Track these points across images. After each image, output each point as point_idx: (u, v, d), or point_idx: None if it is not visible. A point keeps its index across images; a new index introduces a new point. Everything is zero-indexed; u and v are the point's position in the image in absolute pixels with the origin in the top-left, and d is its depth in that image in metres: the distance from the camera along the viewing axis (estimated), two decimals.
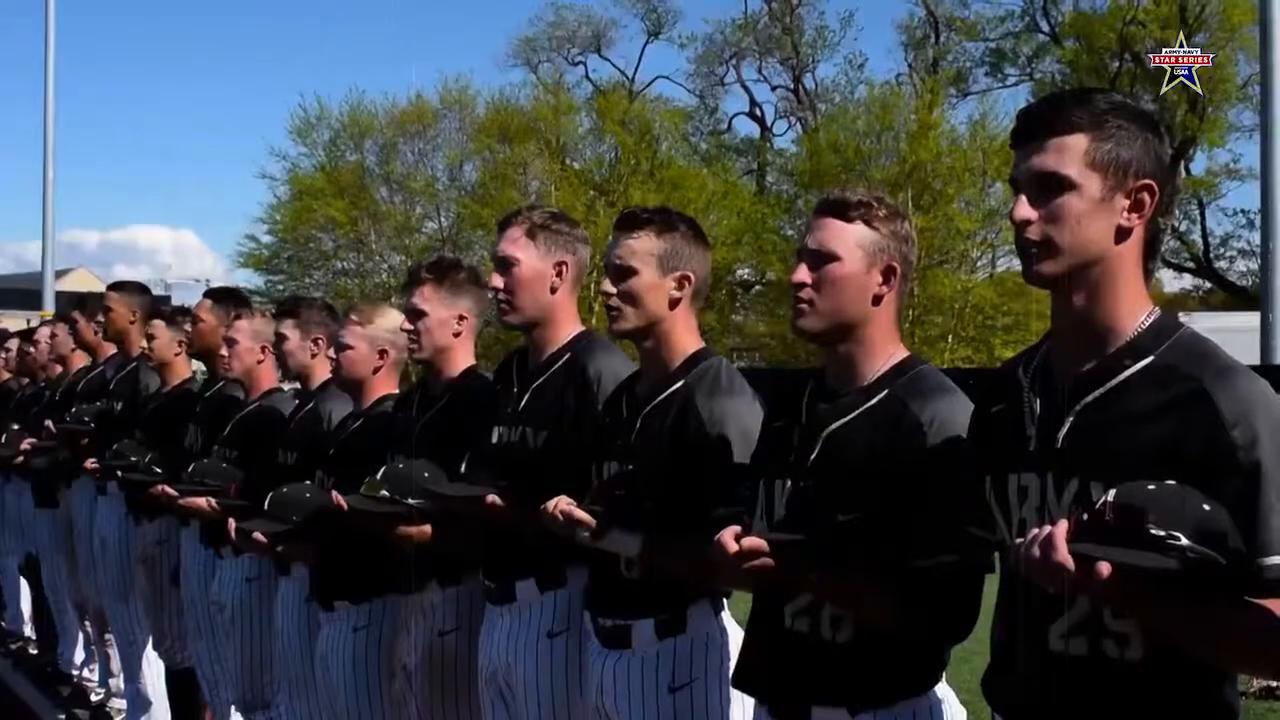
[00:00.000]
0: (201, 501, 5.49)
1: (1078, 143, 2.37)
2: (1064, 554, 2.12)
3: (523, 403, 4.02)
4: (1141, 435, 2.30)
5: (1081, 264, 2.39)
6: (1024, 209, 2.41)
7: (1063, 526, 2.16)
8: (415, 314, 4.47)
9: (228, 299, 6.47)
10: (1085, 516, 2.16)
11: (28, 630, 10.20)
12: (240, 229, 73.33)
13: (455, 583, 4.40)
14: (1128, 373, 2.36)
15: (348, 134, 47.73)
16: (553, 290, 4.04)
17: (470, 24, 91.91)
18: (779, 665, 3.02)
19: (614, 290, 3.59)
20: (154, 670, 7.39)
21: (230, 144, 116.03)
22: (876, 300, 3.03)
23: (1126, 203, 2.38)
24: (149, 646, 7.36)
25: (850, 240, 3.03)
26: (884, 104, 40.94)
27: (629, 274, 3.58)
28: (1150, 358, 2.35)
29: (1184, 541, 2.10)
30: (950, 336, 38.47)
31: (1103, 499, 2.16)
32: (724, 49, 50.80)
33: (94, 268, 68.52)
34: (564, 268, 4.05)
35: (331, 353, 5.21)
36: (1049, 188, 2.39)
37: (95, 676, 8.78)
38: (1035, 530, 2.19)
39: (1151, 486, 2.16)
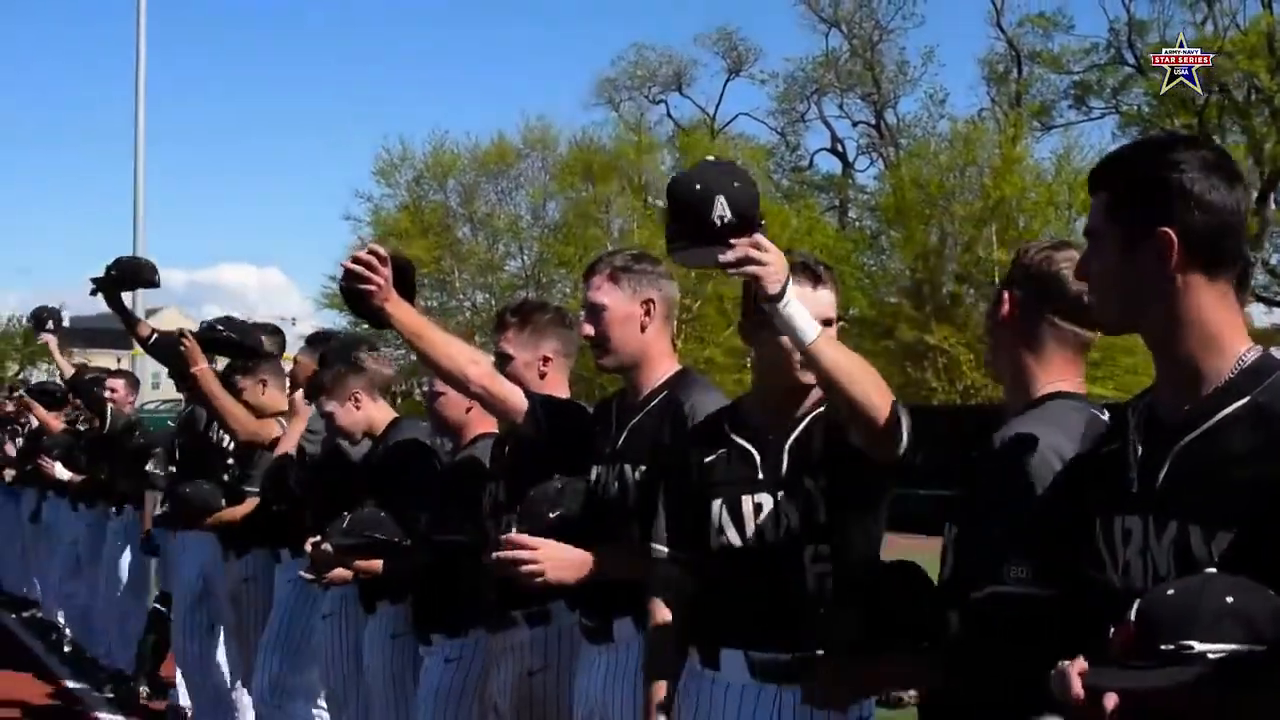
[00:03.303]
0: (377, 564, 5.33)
1: (1101, 199, 2.44)
2: (1077, 689, 2.05)
3: (620, 441, 4.01)
4: (1236, 477, 2.24)
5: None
6: (1081, 261, 2.51)
7: (1079, 663, 2.08)
8: (502, 359, 4.50)
9: (320, 343, 6.59)
10: (1111, 633, 2.09)
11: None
12: (325, 266, 74.42)
13: (544, 621, 4.40)
14: (1223, 414, 2.31)
15: (431, 174, 48.25)
16: (643, 329, 4.04)
17: (552, 65, 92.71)
18: None
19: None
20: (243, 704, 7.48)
21: (315, 182, 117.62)
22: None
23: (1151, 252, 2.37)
24: (239, 685, 7.45)
25: None
26: (966, 138, 40.74)
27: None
28: (1246, 398, 2.31)
29: (1197, 648, 2.00)
30: None
31: (1127, 616, 2.08)
32: (805, 85, 50.92)
33: (183, 307, 69.56)
34: (651, 305, 4.04)
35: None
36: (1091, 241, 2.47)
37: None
38: (1061, 663, 2.11)
39: (1171, 591, 2.08)
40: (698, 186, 3.15)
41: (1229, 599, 2.05)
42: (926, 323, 38.29)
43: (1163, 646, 2.02)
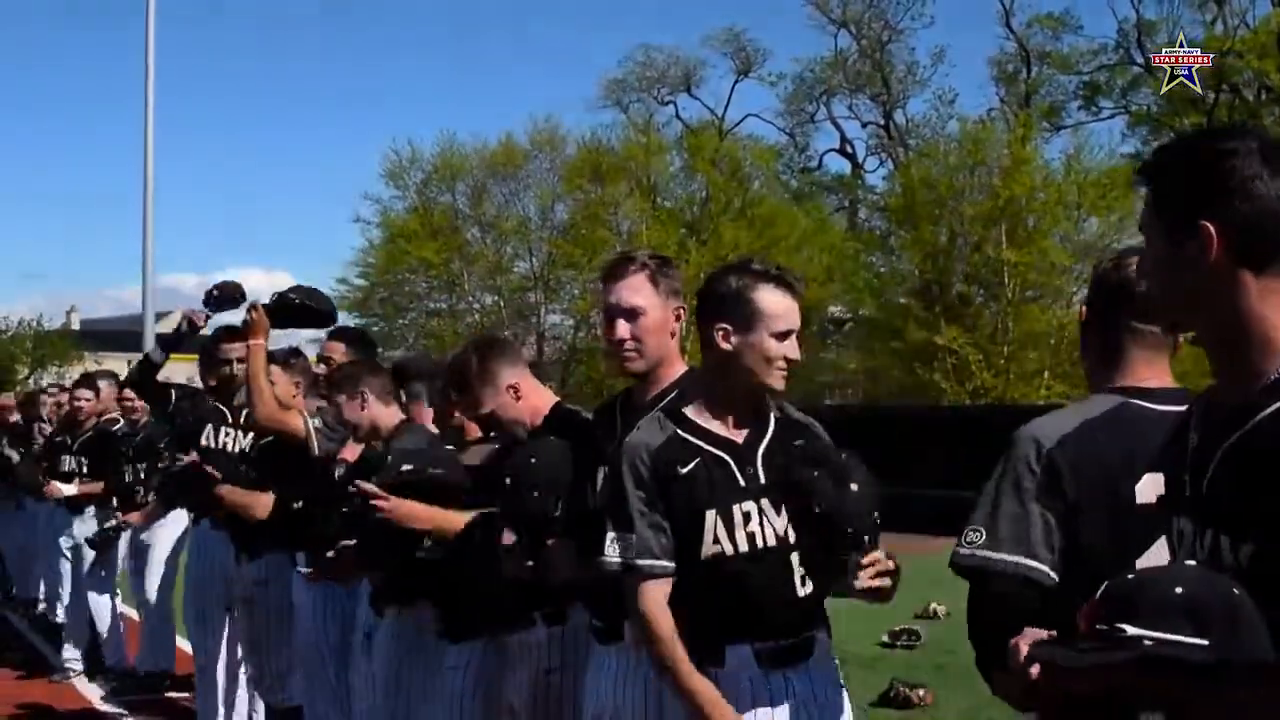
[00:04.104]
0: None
1: (1148, 193, 2.35)
2: (1018, 658, 2.12)
3: None
4: (1261, 484, 2.11)
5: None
6: (1140, 258, 2.40)
7: (1030, 635, 2.14)
8: (487, 420, 4.59)
9: (345, 338, 6.60)
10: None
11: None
12: (334, 269, 74.67)
13: (560, 621, 4.43)
14: (1259, 417, 2.17)
15: (439, 176, 48.22)
16: (672, 335, 4.05)
17: (560, 66, 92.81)
18: None
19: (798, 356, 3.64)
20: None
21: (324, 184, 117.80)
22: None
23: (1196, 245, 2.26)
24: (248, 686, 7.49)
25: None
26: (976, 139, 40.67)
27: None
28: None
29: (1130, 632, 1.98)
30: (1046, 372, 38.04)
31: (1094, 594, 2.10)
32: (814, 86, 50.94)
33: (193, 310, 69.61)
34: (681, 311, 4.06)
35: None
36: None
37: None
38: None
39: (1131, 575, 2.08)
40: (850, 531, 3.33)
41: (1179, 589, 2.01)
42: (936, 323, 38.23)
43: (1098, 626, 2.02)
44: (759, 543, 3.52)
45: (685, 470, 3.56)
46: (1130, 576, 2.09)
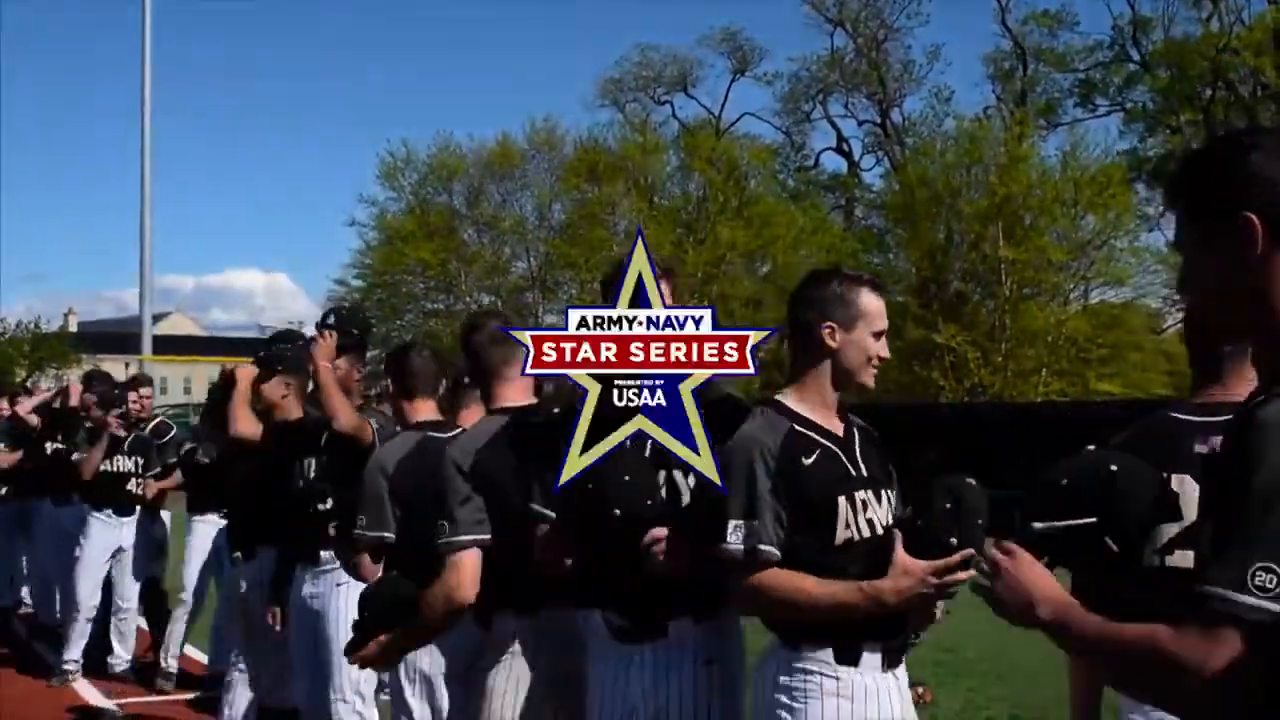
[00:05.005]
0: None
1: (1179, 209, 2.28)
2: None
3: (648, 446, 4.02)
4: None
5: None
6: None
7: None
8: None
9: (356, 347, 6.61)
10: None
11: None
12: (331, 270, 74.92)
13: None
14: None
15: (435, 176, 48.24)
16: None
17: (557, 66, 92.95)
18: None
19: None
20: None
21: (322, 187, 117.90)
22: None
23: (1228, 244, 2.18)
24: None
25: None
26: (972, 137, 40.73)
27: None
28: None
29: (1038, 527, 2.67)
30: (1044, 369, 38.08)
31: None
32: (810, 85, 50.94)
33: (190, 312, 69.56)
34: None
35: None
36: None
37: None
38: None
39: (1039, 478, 2.86)
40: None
41: (1064, 480, 2.68)
42: (934, 321, 38.29)
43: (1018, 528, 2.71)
44: (878, 529, 3.67)
45: (809, 461, 3.68)
46: (1039, 479, 2.58)
